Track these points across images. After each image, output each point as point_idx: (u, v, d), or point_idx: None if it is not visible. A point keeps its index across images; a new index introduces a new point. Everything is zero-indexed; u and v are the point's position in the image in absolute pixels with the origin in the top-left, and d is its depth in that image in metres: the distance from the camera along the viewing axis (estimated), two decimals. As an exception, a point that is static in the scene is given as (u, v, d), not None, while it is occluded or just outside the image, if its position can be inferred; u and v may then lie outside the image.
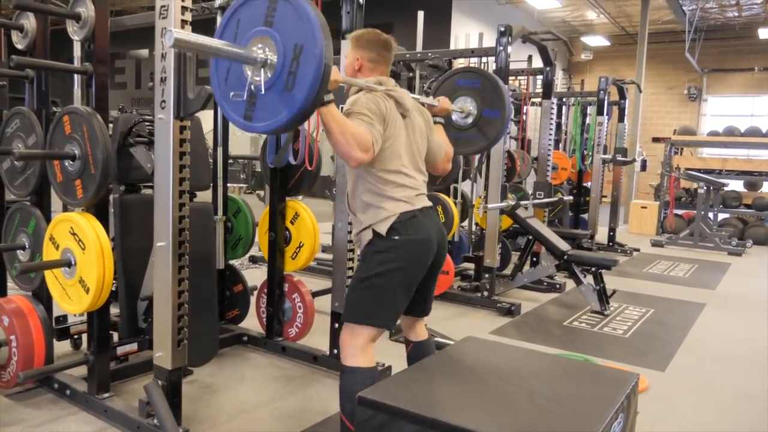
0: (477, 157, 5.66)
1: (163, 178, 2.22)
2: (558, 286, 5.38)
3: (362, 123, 2.03)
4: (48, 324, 2.73)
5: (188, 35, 1.80)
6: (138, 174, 2.96)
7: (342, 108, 2.13)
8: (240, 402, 2.82)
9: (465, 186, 5.93)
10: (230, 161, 4.09)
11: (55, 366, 2.69)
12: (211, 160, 3.48)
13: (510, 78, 7.56)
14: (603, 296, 4.69)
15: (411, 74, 5.64)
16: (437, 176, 2.81)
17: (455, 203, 5.32)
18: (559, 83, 9.71)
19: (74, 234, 2.40)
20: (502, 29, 4.47)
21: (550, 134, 5.69)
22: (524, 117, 6.88)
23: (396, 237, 2.12)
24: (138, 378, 2.96)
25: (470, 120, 3.24)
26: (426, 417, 1.81)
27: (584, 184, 8.08)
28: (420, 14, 5.04)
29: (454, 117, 3.22)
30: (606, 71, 15.13)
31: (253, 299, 3.69)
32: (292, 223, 3.45)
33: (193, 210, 2.93)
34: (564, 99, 8.53)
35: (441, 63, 4.79)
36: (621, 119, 8.10)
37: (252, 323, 3.68)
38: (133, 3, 13.96)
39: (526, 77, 6.80)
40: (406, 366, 2.43)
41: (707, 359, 3.75)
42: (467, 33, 5.74)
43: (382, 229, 2.13)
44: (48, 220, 2.65)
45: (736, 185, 9.77)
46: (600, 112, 7.44)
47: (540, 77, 6.02)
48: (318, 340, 3.44)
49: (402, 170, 2.19)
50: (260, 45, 1.76)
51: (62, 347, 3.26)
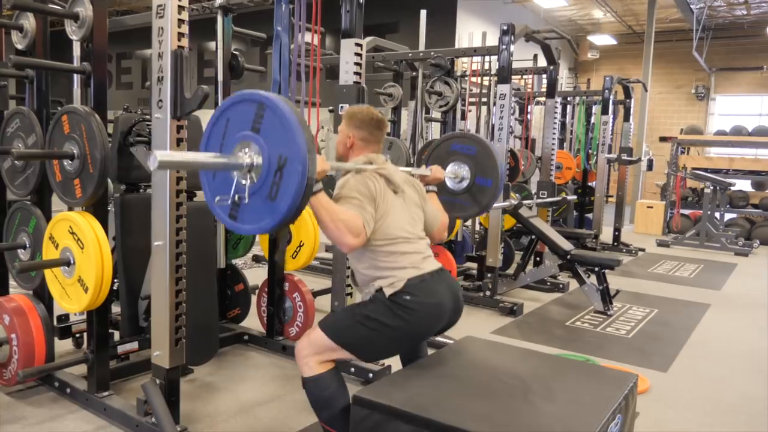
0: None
1: (161, 178, 2.23)
2: (561, 286, 5.35)
3: (352, 207, 2.02)
4: (48, 323, 2.75)
5: (172, 156, 1.80)
6: (138, 173, 2.98)
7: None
8: (239, 401, 2.83)
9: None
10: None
11: (54, 364, 2.70)
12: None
13: (515, 77, 7.58)
14: (606, 296, 4.67)
15: (414, 73, 5.65)
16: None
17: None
18: (565, 82, 9.64)
19: (73, 233, 2.41)
20: (505, 28, 4.45)
21: (554, 133, 5.67)
22: (528, 116, 6.86)
23: (407, 297, 2.07)
24: (139, 376, 2.97)
25: (464, 185, 3.22)
26: (421, 417, 1.81)
27: (589, 184, 8.05)
28: (423, 13, 5.04)
29: (448, 182, 3.23)
30: (613, 70, 15.10)
31: (254, 298, 3.70)
32: (293, 223, 3.45)
33: (193, 209, 2.93)
34: (569, 98, 8.50)
35: (443, 62, 4.78)
36: (626, 118, 8.06)
37: (253, 322, 3.69)
38: (140, 3, 14.01)
39: (532, 76, 6.78)
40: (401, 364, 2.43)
41: (710, 360, 3.73)
42: (470, 32, 5.74)
43: (388, 292, 2.08)
44: (48, 220, 2.66)
45: (744, 185, 9.69)
46: (605, 112, 7.40)
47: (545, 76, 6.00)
48: (318, 340, 3.43)
49: (402, 239, 2.16)
50: (247, 150, 1.74)
51: (65, 346, 3.29)
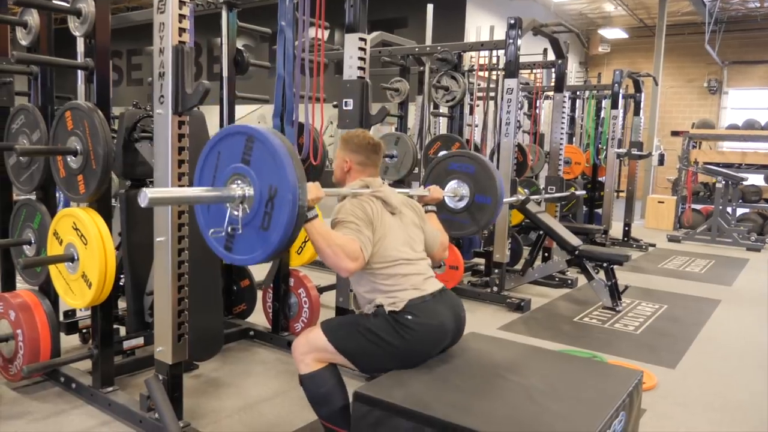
0: (488, 152, 5.61)
1: (163, 173, 2.22)
2: (570, 282, 5.32)
3: (349, 231, 2.02)
4: (54, 318, 2.76)
5: (163, 193, 1.83)
6: (143, 169, 2.97)
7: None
8: (243, 396, 2.83)
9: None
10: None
11: (58, 360, 2.71)
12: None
13: (525, 72, 7.52)
14: (615, 292, 4.63)
15: (421, 68, 5.62)
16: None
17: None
18: (574, 76, 9.56)
19: (77, 229, 2.41)
20: (512, 22, 4.41)
21: (562, 128, 5.62)
22: (537, 111, 6.82)
23: (409, 317, 2.06)
24: (144, 372, 2.97)
25: (463, 204, 3.21)
26: (422, 414, 1.80)
27: (599, 179, 7.99)
28: (429, 7, 5.01)
29: (447, 201, 3.22)
30: (624, 64, 14.93)
31: (260, 294, 3.70)
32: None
33: (197, 205, 2.95)
34: (578, 92, 8.43)
35: (450, 57, 4.75)
36: (637, 113, 7.99)
37: (259, 318, 3.70)
38: (149, -1, 14.04)
39: (542, 71, 6.72)
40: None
41: (719, 357, 3.69)
42: (478, 26, 5.70)
43: (389, 309, 2.07)
44: (53, 216, 2.67)
45: (756, 179, 9.57)
46: (614, 106, 7.33)
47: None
48: (323, 336, 3.43)
49: (402, 260, 2.15)
50: (239, 181, 1.77)
51: (72, 341, 3.31)
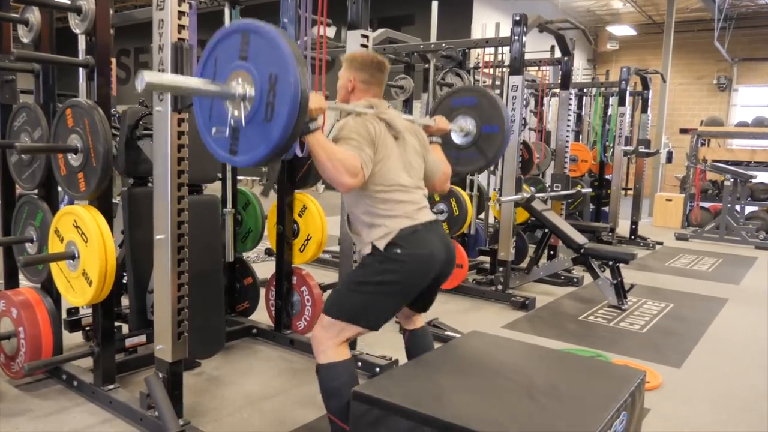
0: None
1: (162, 171, 2.22)
2: (575, 280, 5.29)
3: (351, 148, 2.00)
4: (56, 316, 2.76)
5: (161, 77, 1.78)
6: (146, 167, 2.97)
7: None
8: (245, 394, 2.82)
9: (482, 178, 5.85)
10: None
11: (58, 358, 2.71)
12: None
13: (532, 69, 7.47)
14: (620, 290, 4.60)
15: (426, 65, 5.59)
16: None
17: (470, 196, 5.26)
18: (581, 74, 9.50)
19: (77, 227, 2.41)
20: (517, 18, 4.38)
21: (568, 125, 5.59)
22: (543, 108, 6.77)
23: (397, 251, 2.06)
24: (146, 370, 2.98)
25: (470, 139, 3.18)
26: (421, 413, 1.79)
27: (606, 177, 7.94)
28: (434, 5, 4.98)
29: (454, 137, 3.17)
30: (632, 61, 14.84)
31: (263, 292, 3.69)
32: (300, 216, 3.44)
33: (199, 203, 2.94)
34: (585, 90, 8.37)
35: (454, 54, 4.72)
36: (644, 110, 7.92)
37: (262, 316, 3.69)
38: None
39: (549, 68, 6.67)
40: (406, 356, 2.43)
41: (725, 356, 3.65)
42: (484, 23, 5.67)
43: (381, 245, 2.08)
44: (54, 213, 2.67)
45: (765, 177, 9.47)
46: (621, 103, 7.28)
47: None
48: (326, 334, 3.42)
49: (399, 186, 2.14)
50: (239, 80, 1.75)
51: (75, 339, 3.31)
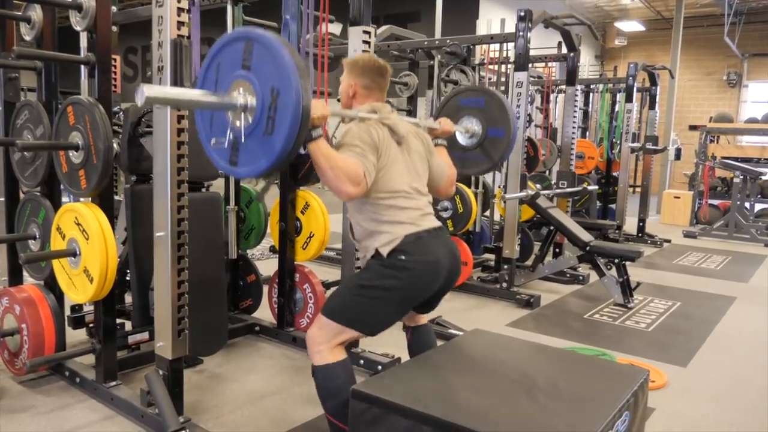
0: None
1: (162, 168, 2.22)
2: (581, 278, 5.25)
3: (354, 155, 1.97)
4: (59, 313, 2.77)
5: (161, 91, 1.75)
6: (148, 164, 2.95)
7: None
8: (247, 392, 2.82)
9: (487, 175, 5.81)
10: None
11: (61, 354, 2.72)
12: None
13: (539, 65, 7.43)
14: (626, 288, 4.56)
15: (431, 62, 5.57)
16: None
17: (475, 193, 5.23)
18: (588, 70, 9.44)
19: (79, 224, 2.41)
20: (521, 14, 4.35)
21: (574, 122, 5.55)
22: (549, 104, 6.74)
23: (402, 257, 2.03)
24: (149, 367, 2.97)
25: (475, 140, 3.15)
26: (420, 412, 1.77)
27: (613, 174, 7.88)
28: (439, 1, 4.96)
29: (459, 138, 3.14)
30: (641, 57, 14.75)
31: (266, 289, 3.69)
32: (303, 213, 3.43)
33: (201, 200, 2.94)
34: (593, 86, 8.31)
35: (459, 50, 4.69)
36: (652, 106, 7.86)
37: (265, 313, 3.69)
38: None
39: (556, 64, 6.64)
40: (408, 354, 2.42)
41: (732, 355, 3.61)
42: (489, 19, 5.64)
43: (385, 251, 2.05)
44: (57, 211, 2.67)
45: (776, 174, 9.41)
46: (629, 99, 7.22)
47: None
48: (329, 331, 3.41)
49: (402, 193, 2.11)
50: (241, 89, 1.70)
51: (79, 335, 3.32)
